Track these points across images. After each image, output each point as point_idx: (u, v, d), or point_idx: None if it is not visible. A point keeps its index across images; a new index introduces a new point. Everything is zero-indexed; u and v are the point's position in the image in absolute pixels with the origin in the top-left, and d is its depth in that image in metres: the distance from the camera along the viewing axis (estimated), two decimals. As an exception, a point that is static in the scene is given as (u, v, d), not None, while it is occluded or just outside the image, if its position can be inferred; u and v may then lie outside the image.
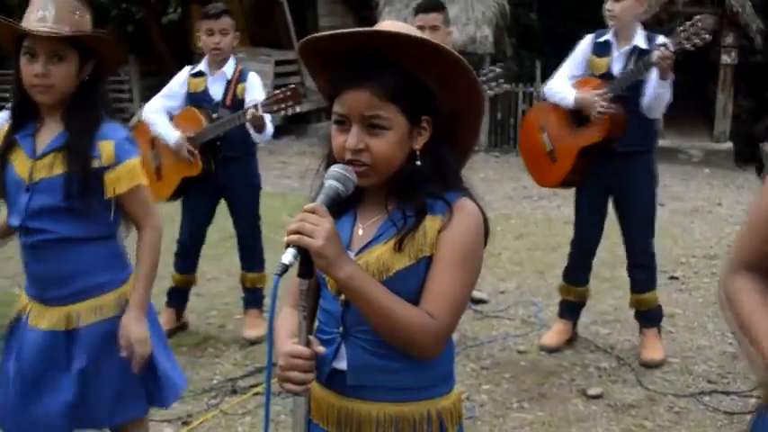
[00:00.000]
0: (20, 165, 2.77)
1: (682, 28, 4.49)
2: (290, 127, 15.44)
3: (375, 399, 1.90)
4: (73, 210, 2.73)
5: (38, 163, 2.74)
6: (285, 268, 1.69)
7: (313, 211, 1.74)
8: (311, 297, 1.99)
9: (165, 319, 5.32)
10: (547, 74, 11.42)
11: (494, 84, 4.89)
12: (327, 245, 1.71)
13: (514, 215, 9.09)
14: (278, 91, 4.83)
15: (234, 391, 4.49)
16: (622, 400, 4.42)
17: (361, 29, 1.82)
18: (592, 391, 4.48)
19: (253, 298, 5.38)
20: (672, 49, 4.42)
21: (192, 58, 15.62)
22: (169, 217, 5.37)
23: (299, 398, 1.84)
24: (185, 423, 4.17)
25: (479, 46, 13.56)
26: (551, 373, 4.76)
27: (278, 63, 15.22)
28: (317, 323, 2.01)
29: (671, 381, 4.67)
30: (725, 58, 13.31)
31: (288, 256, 1.70)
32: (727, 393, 4.49)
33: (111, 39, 2.79)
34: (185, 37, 16.53)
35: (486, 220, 1.91)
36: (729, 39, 13.31)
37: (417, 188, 1.86)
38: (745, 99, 14.71)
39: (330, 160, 1.89)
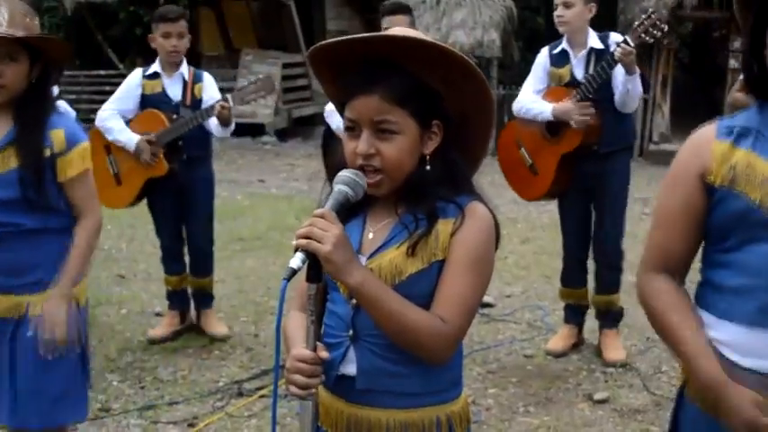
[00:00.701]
0: None
1: (638, 22, 4.61)
2: (296, 129, 15.47)
3: (384, 405, 1.90)
4: (30, 201, 2.80)
5: None
6: (293, 272, 1.70)
7: (322, 217, 1.74)
8: (319, 301, 1.99)
9: (169, 321, 5.34)
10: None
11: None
12: (336, 251, 1.72)
13: (521, 219, 9.08)
14: (249, 83, 4.92)
15: (240, 394, 4.50)
16: (629, 405, 4.41)
17: (367, 34, 1.84)
18: (598, 396, 4.48)
19: (204, 299, 5.40)
20: (632, 43, 4.49)
21: (201, 61, 15.73)
22: (147, 220, 5.36)
23: (305, 402, 1.84)
24: (191, 425, 4.17)
25: (487, 50, 13.57)
26: (557, 378, 4.76)
27: (285, 66, 15.24)
28: (323, 327, 2.01)
29: (677, 385, 4.65)
30: (733, 63, 13.28)
31: (296, 260, 1.71)
32: (733, 399, 4.47)
33: (59, 41, 2.94)
34: (193, 39, 16.57)
35: (497, 224, 1.91)
36: (737, 43, 13.27)
37: (428, 192, 1.86)
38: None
39: (341, 165, 1.88)
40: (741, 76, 5.75)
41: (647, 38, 4.58)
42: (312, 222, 1.73)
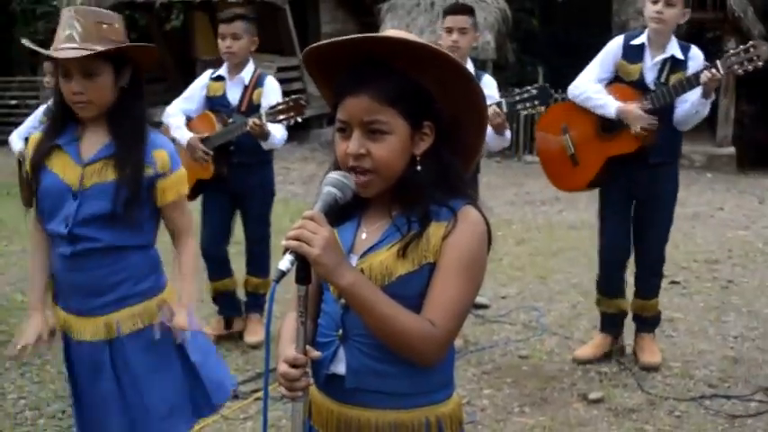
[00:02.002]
0: (67, 171, 2.75)
1: (734, 51, 4.45)
2: (292, 133, 15.44)
3: (373, 405, 1.91)
4: (120, 217, 2.72)
5: (87, 169, 2.73)
6: (282, 274, 1.70)
7: (311, 219, 1.75)
8: (313, 301, 2.00)
9: (214, 326, 5.36)
10: (548, 79, 11.41)
11: (527, 104, 4.75)
12: (325, 253, 1.73)
13: (516, 220, 9.10)
14: (282, 101, 4.87)
15: (235, 396, 4.49)
16: (623, 405, 4.42)
17: (357, 36, 1.84)
18: (593, 396, 4.49)
19: (255, 303, 5.40)
20: (722, 71, 4.37)
21: (195, 65, 15.74)
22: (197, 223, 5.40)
23: (296, 403, 1.84)
24: (187, 428, 4.17)
25: (481, 52, 13.58)
26: (552, 378, 4.77)
27: (280, 69, 15.24)
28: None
29: (672, 385, 4.68)
30: (727, 64, 13.31)
31: (285, 262, 1.71)
32: (727, 397, 4.49)
33: (140, 46, 2.80)
34: (188, 44, 16.58)
35: (490, 229, 1.91)
36: (731, 44, 13.31)
37: (422, 194, 1.86)
38: (747, 104, 14.74)
39: (336, 168, 1.89)
40: None
41: (740, 70, 4.42)
42: (301, 224, 1.74)
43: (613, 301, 5.01)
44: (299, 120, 4.90)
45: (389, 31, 1.92)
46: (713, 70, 4.36)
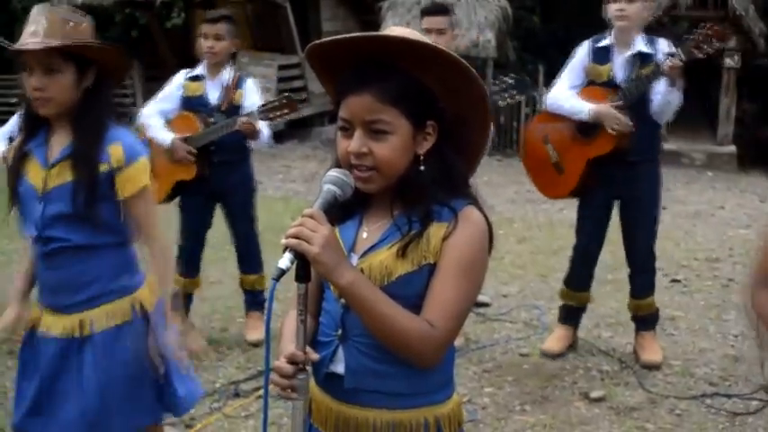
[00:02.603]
0: (33, 175, 2.77)
1: (692, 36, 4.46)
2: (292, 131, 15.44)
3: (372, 404, 1.91)
4: (84, 216, 2.72)
5: (51, 172, 2.75)
6: (282, 273, 1.70)
7: (311, 217, 1.75)
8: (315, 299, 2.00)
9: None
10: (550, 78, 11.43)
11: (505, 95, 4.77)
12: (324, 252, 1.72)
13: (517, 219, 9.09)
14: (274, 99, 4.88)
15: (236, 395, 4.51)
16: (624, 403, 4.43)
17: (360, 34, 1.84)
18: (594, 394, 4.49)
19: (253, 300, 5.40)
20: (683, 58, 4.40)
21: (196, 63, 15.72)
22: (168, 221, 5.41)
23: (297, 401, 1.84)
24: (188, 426, 4.18)
25: (482, 50, 13.57)
26: (553, 376, 4.77)
27: (281, 67, 15.23)
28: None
29: (672, 383, 4.68)
30: (728, 62, 13.31)
31: (284, 260, 1.71)
32: (728, 396, 4.49)
33: (107, 48, 2.79)
34: (189, 42, 16.55)
35: (491, 230, 1.90)
36: (732, 42, 13.29)
37: (423, 194, 1.86)
38: (748, 102, 14.72)
39: (338, 166, 1.89)
40: None
41: (700, 54, 4.43)
42: (301, 222, 1.74)
43: (577, 294, 5.10)
44: (292, 116, 4.91)
45: (393, 29, 1.91)
46: (673, 59, 4.41)
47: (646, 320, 5.02)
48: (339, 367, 1.92)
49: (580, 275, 5.10)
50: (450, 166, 1.89)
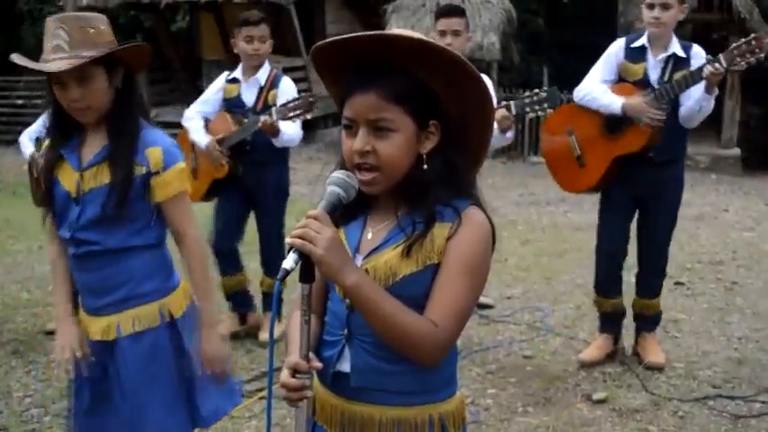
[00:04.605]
0: (66, 178, 2.77)
1: (735, 44, 4.45)
2: (297, 133, 15.47)
3: (377, 402, 1.92)
4: (119, 219, 2.71)
5: (84, 174, 2.74)
6: (286, 273, 1.72)
7: (315, 218, 1.76)
8: (320, 299, 2.02)
9: (228, 323, 5.36)
10: (554, 80, 11.40)
11: (537, 107, 4.73)
12: (328, 253, 1.74)
13: (521, 221, 9.10)
14: (292, 99, 4.93)
15: (240, 395, 4.51)
16: (627, 405, 4.43)
17: (364, 33, 1.84)
18: (597, 396, 4.50)
19: (271, 302, 5.41)
20: (724, 65, 4.38)
21: (201, 65, 15.76)
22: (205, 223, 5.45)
23: (300, 402, 1.86)
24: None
25: (486, 53, 13.59)
26: (556, 378, 4.78)
27: (286, 70, 15.21)
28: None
29: (675, 386, 4.68)
30: (732, 65, 13.29)
31: (289, 261, 1.73)
32: (731, 398, 4.50)
33: (132, 47, 2.78)
34: (194, 44, 16.61)
35: (494, 230, 1.91)
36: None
37: (427, 194, 1.87)
38: (752, 106, 14.72)
39: (342, 167, 1.90)
40: None
41: (742, 62, 4.41)
42: (306, 224, 1.75)
43: (611, 300, 5.03)
44: (308, 117, 4.96)
45: (397, 30, 1.93)
46: (716, 64, 4.39)
47: (649, 321, 5.02)
48: (345, 366, 1.93)
49: (607, 280, 5.02)
50: (454, 165, 1.90)
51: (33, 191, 2.92)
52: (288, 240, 1.74)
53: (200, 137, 5.15)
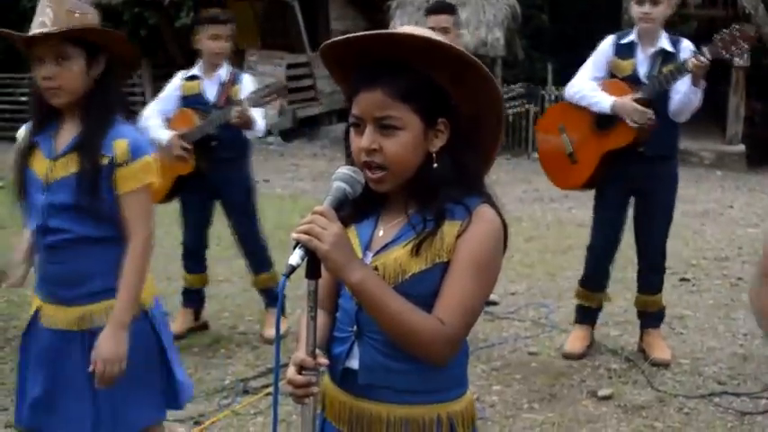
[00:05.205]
0: (38, 166, 2.78)
1: (719, 36, 4.45)
2: (301, 130, 15.48)
3: (385, 400, 1.91)
4: (88, 209, 2.72)
5: (56, 163, 2.75)
6: (292, 269, 1.71)
7: (321, 214, 1.75)
8: (332, 296, 2.01)
9: (182, 319, 5.37)
10: (558, 76, 11.38)
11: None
12: (334, 249, 1.73)
13: (525, 217, 9.10)
14: (260, 87, 4.96)
15: (246, 392, 4.52)
16: (632, 401, 4.42)
17: (370, 32, 1.84)
18: (602, 392, 4.49)
19: (270, 297, 5.42)
20: (709, 57, 4.39)
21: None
22: (174, 219, 5.45)
23: (306, 398, 1.85)
24: (197, 423, 4.19)
25: (491, 49, 13.58)
26: (562, 375, 4.77)
27: (290, 66, 15.26)
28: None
29: (681, 382, 4.68)
30: (737, 60, 13.26)
31: (295, 257, 1.72)
32: (737, 395, 4.49)
33: (112, 32, 2.81)
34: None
35: (506, 228, 1.90)
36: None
37: (437, 192, 1.86)
38: (757, 101, 14.69)
39: (352, 164, 1.90)
40: None
41: (726, 54, 4.44)
42: (311, 219, 1.74)
43: (595, 294, 5.08)
44: (282, 101, 4.98)
45: (405, 27, 1.92)
46: (700, 57, 4.40)
47: (653, 317, 5.02)
48: (355, 363, 1.93)
49: (596, 275, 5.06)
50: (464, 163, 1.89)
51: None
52: (293, 236, 1.74)
53: (161, 133, 5.09)
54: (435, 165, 1.87)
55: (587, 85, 4.81)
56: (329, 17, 16.43)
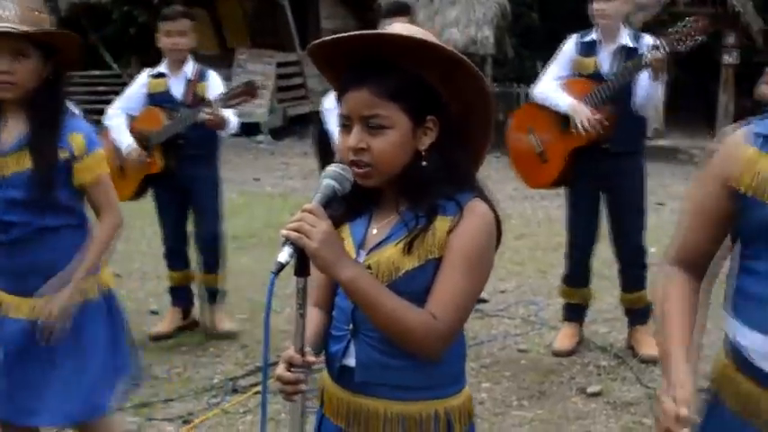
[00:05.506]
0: None
1: (675, 29, 4.51)
2: (291, 128, 15.47)
3: (382, 396, 1.92)
4: (44, 202, 2.80)
5: (7, 159, 2.80)
6: (281, 267, 1.72)
7: (311, 212, 1.76)
8: (328, 294, 2.02)
9: (170, 318, 5.37)
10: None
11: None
12: (323, 247, 1.73)
13: (516, 215, 9.10)
14: (233, 87, 4.97)
15: (235, 390, 4.52)
16: (621, 398, 4.44)
17: (359, 32, 1.85)
18: (591, 389, 4.50)
19: (213, 295, 5.43)
20: (666, 50, 4.44)
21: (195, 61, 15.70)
22: (142, 219, 5.44)
23: (295, 396, 1.85)
24: (186, 422, 4.19)
25: (480, 47, 13.59)
26: (551, 372, 4.78)
27: (280, 65, 15.25)
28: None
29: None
30: (726, 58, 13.33)
31: (284, 254, 1.72)
32: (725, 391, 4.49)
33: (69, 36, 2.87)
34: (187, 39, 16.56)
35: (498, 222, 1.91)
36: (731, 39, 13.32)
37: (428, 189, 1.86)
38: (747, 99, 14.71)
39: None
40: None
41: (682, 47, 4.48)
42: (301, 217, 1.75)
43: (578, 290, 5.12)
44: (253, 102, 4.98)
45: (395, 26, 1.92)
46: (655, 51, 4.44)
47: (640, 314, 5.03)
48: (351, 361, 1.93)
49: (578, 271, 5.11)
50: (454, 160, 1.90)
51: None
52: (283, 233, 1.74)
53: (121, 137, 5.08)
54: (424, 162, 1.87)
55: (550, 86, 4.89)
56: (319, 16, 16.41)
